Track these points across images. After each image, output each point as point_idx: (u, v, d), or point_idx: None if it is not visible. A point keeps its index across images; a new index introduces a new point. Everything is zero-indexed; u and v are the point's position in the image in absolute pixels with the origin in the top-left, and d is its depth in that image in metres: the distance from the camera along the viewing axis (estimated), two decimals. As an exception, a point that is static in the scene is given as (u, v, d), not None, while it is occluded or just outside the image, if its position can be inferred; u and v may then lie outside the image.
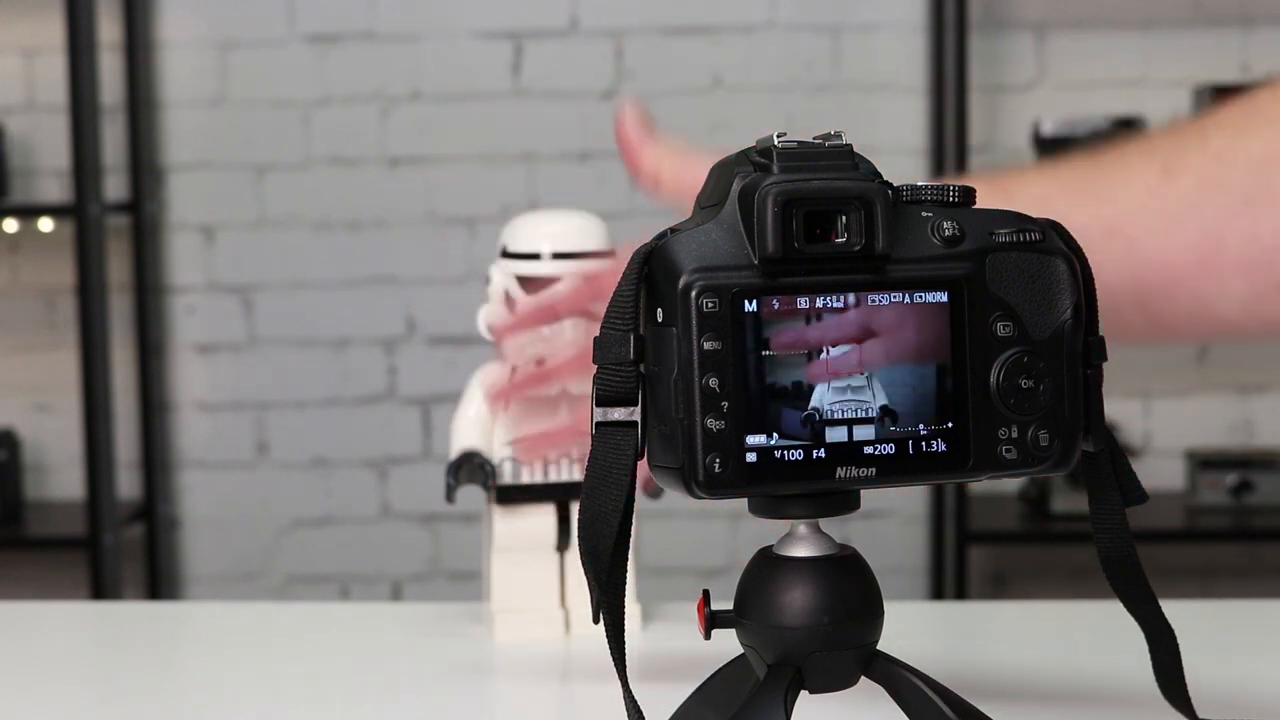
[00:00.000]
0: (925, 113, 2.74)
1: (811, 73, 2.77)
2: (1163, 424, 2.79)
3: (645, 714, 0.65)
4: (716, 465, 0.62)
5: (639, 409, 0.63)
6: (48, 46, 2.76)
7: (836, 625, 0.65)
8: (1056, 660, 1.02)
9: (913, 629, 1.11)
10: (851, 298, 0.62)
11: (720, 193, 0.64)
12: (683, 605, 1.15)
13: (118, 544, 2.67)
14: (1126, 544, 0.68)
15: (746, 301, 0.62)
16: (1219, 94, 2.54)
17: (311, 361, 2.83)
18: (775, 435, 0.62)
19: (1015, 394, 0.64)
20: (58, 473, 2.86)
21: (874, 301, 0.63)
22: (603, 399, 0.63)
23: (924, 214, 0.64)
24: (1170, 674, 0.71)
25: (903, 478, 0.64)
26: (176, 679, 1.03)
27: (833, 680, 0.67)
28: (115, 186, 2.78)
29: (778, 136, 0.64)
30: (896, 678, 0.67)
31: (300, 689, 0.99)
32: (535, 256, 1.08)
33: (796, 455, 0.62)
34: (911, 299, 0.63)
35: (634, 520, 0.65)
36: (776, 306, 0.62)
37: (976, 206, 0.65)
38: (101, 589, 2.60)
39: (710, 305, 0.61)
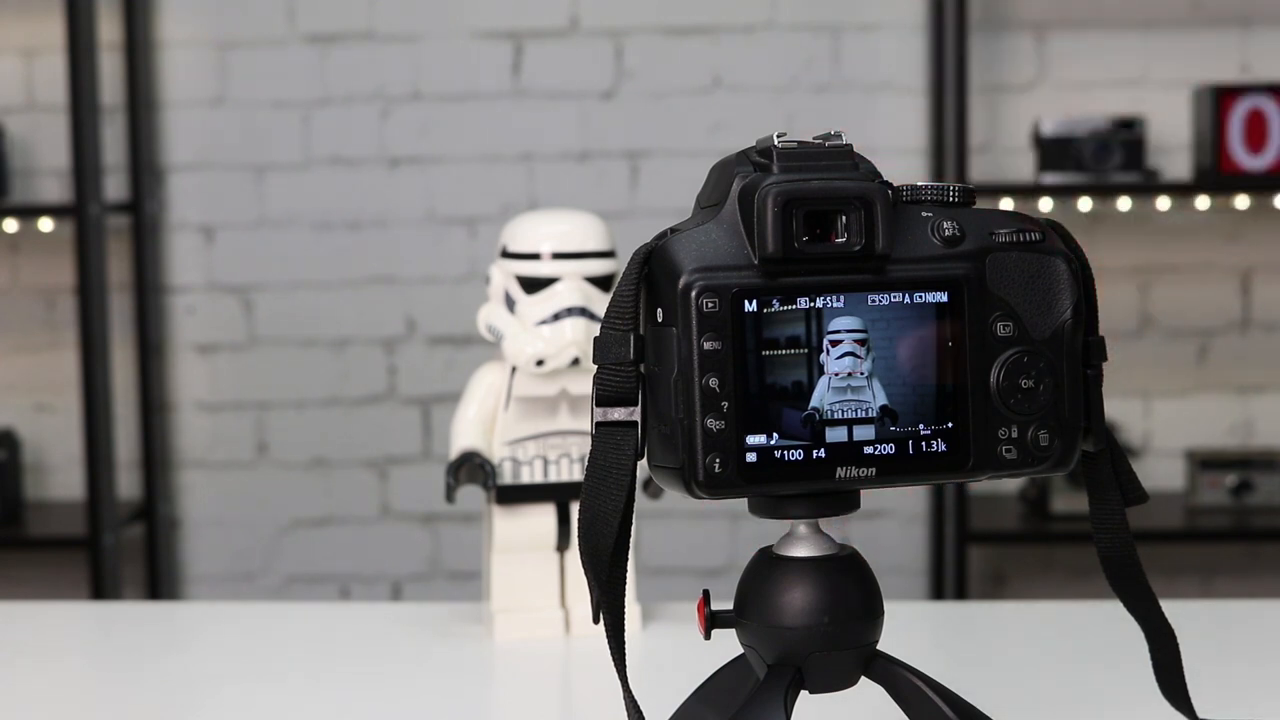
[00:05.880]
0: (925, 113, 2.74)
1: (811, 73, 2.76)
2: (1163, 424, 2.78)
3: (645, 714, 0.65)
4: (716, 465, 0.61)
5: (639, 409, 0.63)
6: (48, 46, 2.76)
7: (836, 625, 0.65)
8: (1056, 660, 1.02)
9: (913, 629, 1.11)
10: (851, 297, 0.62)
11: (720, 193, 0.64)
12: (683, 605, 1.15)
13: (118, 544, 2.67)
14: (1126, 544, 0.68)
15: (746, 301, 0.61)
16: (1219, 94, 2.54)
17: (311, 361, 2.83)
18: (775, 435, 0.62)
19: (1015, 394, 0.64)
20: (58, 473, 2.86)
21: (874, 301, 0.63)
22: (603, 399, 0.63)
23: (924, 214, 0.64)
24: (1170, 674, 0.71)
25: (903, 478, 0.64)
26: (176, 679, 1.03)
27: (833, 680, 0.67)
28: (115, 186, 2.78)
29: (778, 136, 0.64)
30: (896, 678, 0.67)
31: (300, 689, 0.99)
32: (535, 256, 1.09)
33: (796, 455, 0.62)
34: (911, 299, 0.63)
35: (634, 520, 0.65)
36: (776, 306, 0.62)
37: (977, 207, 0.65)
38: (101, 589, 2.60)
39: (710, 305, 0.61)
